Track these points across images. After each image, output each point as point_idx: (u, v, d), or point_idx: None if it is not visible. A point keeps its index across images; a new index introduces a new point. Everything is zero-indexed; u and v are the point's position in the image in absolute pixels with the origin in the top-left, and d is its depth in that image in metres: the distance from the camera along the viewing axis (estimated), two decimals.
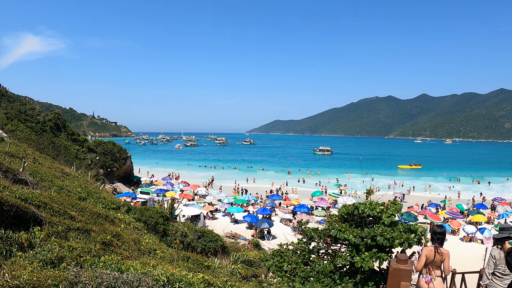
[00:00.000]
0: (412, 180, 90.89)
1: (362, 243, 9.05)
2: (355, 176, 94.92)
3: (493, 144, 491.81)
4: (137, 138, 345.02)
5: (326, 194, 66.35)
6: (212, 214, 47.84)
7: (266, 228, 39.40)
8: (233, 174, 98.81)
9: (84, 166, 53.07)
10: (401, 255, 5.77)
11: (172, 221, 21.93)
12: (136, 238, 12.63)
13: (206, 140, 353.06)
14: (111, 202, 18.21)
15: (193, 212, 42.36)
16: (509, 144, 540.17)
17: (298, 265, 9.94)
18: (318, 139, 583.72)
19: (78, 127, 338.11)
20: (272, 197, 57.93)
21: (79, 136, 62.06)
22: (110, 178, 59.91)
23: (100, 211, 13.27)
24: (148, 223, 17.54)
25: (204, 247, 19.56)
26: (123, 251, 9.01)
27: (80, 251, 6.97)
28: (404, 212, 44.84)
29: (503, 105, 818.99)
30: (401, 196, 63.56)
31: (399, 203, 10.69)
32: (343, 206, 10.66)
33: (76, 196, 16.30)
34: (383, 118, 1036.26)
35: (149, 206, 34.21)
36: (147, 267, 6.52)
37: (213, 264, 14.16)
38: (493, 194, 71.06)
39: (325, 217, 44.92)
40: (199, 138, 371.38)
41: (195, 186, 65.25)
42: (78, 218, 10.19)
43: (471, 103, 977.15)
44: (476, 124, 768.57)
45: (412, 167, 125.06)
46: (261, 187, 75.38)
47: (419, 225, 9.69)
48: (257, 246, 28.45)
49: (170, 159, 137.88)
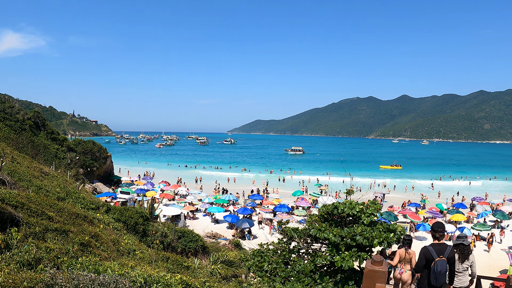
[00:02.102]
0: (393, 180, 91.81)
1: (342, 242, 9.10)
2: (336, 176, 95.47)
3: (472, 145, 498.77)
4: (118, 137, 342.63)
5: (306, 194, 66.60)
6: (193, 214, 47.70)
7: (247, 228, 39.43)
8: (214, 173, 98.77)
9: (63, 166, 52.49)
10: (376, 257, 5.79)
11: (152, 221, 21.77)
12: (115, 238, 12.50)
13: (187, 140, 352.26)
14: (90, 202, 18.00)
15: (174, 212, 42.14)
16: (488, 144, 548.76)
17: (279, 264, 9.95)
18: (299, 139, 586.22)
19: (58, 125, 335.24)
20: (252, 197, 57.97)
21: (58, 135, 61.26)
22: (90, 178, 59.35)
23: (79, 211, 13.11)
24: (127, 223, 17.37)
25: (185, 247, 19.46)
26: (102, 252, 8.91)
27: (58, 252, 6.87)
28: (384, 211, 45.18)
29: (482, 107, 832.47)
30: (381, 196, 64.09)
31: (379, 202, 10.79)
32: (323, 206, 10.72)
33: (54, 196, 16.08)
34: (364, 118, 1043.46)
35: (129, 206, 33.98)
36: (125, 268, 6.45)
37: (193, 264, 14.08)
38: (473, 194, 71.99)
39: (305, 216, 45.06)
40: (180, 138, 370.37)
41: (176, 186, 65.00)
42: (56, 218, 10.04)
43: (451, 104, 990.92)
44: (456, 125, 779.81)
45: (393, 168, 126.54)
46: (242, 186, 75.42)
47: (398, 225, 9.80)
48: (237, 246, 28.40)
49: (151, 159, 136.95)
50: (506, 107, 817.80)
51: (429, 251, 8.63)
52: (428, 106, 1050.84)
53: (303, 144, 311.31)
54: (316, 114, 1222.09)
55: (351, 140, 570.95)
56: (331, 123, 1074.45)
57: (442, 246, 8.69)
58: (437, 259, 8.51)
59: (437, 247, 8.68)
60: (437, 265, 8.50)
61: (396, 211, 50.37)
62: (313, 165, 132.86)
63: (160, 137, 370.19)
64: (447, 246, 8.75)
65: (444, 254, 8.58)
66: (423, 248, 8.81)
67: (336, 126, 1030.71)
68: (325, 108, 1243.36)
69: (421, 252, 8.78)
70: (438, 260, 8.50)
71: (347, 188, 11.51)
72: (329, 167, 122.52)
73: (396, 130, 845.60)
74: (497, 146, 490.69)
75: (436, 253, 8.57)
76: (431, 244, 8.88)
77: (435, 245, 8.75)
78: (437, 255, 8.53)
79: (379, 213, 10.10)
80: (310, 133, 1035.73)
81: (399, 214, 48.61)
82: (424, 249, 8.74)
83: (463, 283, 9.22)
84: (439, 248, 8.65)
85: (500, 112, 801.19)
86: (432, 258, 8.55)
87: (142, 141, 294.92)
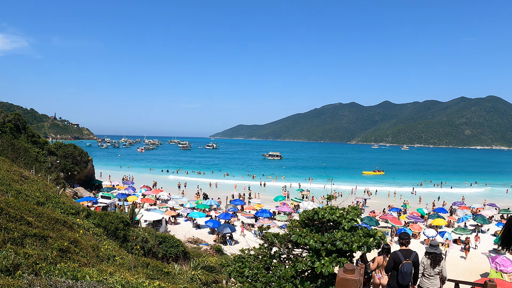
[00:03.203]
0: (375, 185, 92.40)
1: (323, 248, 9.14)
2: (318, 181, 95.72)
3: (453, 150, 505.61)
4: (99, 141, 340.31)
5: (288, 199, 66.71)
6: (174, 219, 47.46)
7: (228, 233, 39.34)
8: (196, 178, 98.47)
9: (44, 169, 51.81)
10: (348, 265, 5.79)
11: (133, 226, 21.63)
12: (95, 244, 12.40)
13: (169, 144, 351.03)
14: (70, 207, 17.82)
15: (155, 217, 41.82)
16: (468, 150, 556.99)
17: (260, 270, 9.94)
18: (281, 144, 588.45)
19: (39, 128, 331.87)
20: (234, 202, 57.90)
21: (39, 138, 60.33)
22: (70, 182, 58.66)
23: (59, 216, 12.98)
24: (108, 228, 17.22)
25: (165, 253, 19.36)
26: (81, 258, 8.83)
27: (36, 258, 6.80)
28: (366, 216, 45.49)
29: (463, 113, 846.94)
30: (363, 201, 64.38)
31: (360, 208, 10.94)
32: (304, 211, 10.76)
33: (34, 200, 15.90)
34: (346, 124, 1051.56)
35: (109, 211, 33.67)
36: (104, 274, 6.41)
37: (173, 270, 14.02)
38: (453, 198, 72.81)
39: (287, 222, 45.11)
40: (162, 142, 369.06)
41: (157, 190, 64.64)
42: (35, 224, 9.94)
43: (432, 111, 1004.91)
44: (437, 131, 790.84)
45: (375, 173, 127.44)
46: (223, 191, 75.33)
47: (378, 230, 9.95)
48: (219, 251, 28.34)
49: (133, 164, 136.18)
50: (486, 113, 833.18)
51: (397, 255, 10.27)
52: (409, 112, 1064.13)
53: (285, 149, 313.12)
54: (298, 119, 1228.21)
55: (333, 146, 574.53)
56: (313, 128, 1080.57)
57: (408, 251, 10.40)
58: (404, 262, 10.15)
59: (404, 252, 10.36)
60: (404, 267, 10.12)
61: (377, 216, 50.69)
62: (295, 170, 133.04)
63: (142, 141, 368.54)
64: (412, 252, 10.39)
65: (410, 258, 10.23)
66: (392, 253, 10.50)
67: (318, 132, 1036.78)
68: (308, 114, 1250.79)
69: (390, 256, 10.52)
70: (405, 262, 10.14)
71: (328, 194, 11.59)
72: (311, 172, 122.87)
73: (378, 136, 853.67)
74: (478, 151, 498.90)
75: (403, 257, 10.22)
76: (399, 249, 10.52)
77: (402, 250, 10.45)
78: (404, 259, 10.19)
79: (359, 218, 10.19)
80: (292, 138, 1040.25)
81: (381, 219, 48.95)
82: (393, 254, 10.42)
83: (434, 286, 10.69)
84: (405, 253, 10.33)
85: (480, 118, 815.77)
86: (400, 261, 10.18)
87: (124, 145, 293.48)
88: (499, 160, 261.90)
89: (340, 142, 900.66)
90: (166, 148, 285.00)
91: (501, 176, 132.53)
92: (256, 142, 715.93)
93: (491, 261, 29.04)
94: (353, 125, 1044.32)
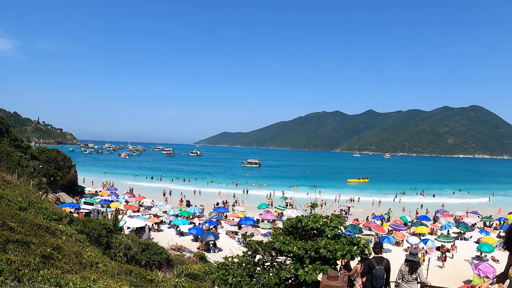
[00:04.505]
0: (358, 193, 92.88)
1: (306, 255, 9.20)
2: (302, 189, 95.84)
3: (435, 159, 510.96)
4: (82, 146, 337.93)
5: (272, 207, 66.78)
6: (158, 226, 47.17)
7: (212, 241, 39.23)
8: (180, 185, 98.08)
9: (26, 174, 51.13)
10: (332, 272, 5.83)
11: (116, 233, 21.48)
12: (78, 250, 12.31)
13: (153, 151, 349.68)
14: (53, 212, 17.65)
15: (138, 224, 41.57)
16: (451, 158, 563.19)
17: (243, 278, 9.95)
18: (265, 152, 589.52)
19: (22, 132, 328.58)
20: (218, 209, 57.77)
21: (22, 142, 59.51)
22: (53, 187, 57.97)
23: (41, 222, 12.86)
24: (90, 235, 17.08)
25: (149, 260, 19.26)
26: (64, 265, 8.77)
27: (19, 264, 6.75)
28: (349, 224, 45.70)
29: (446, 122, 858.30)
30: (346, 209, 64.60)
31: (343, 216, 11.17)
32: (287, 219, 10.84)
33: (17, 206, 15.73)
34: (330, 132, 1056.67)
35: (92, 217, 33.37)
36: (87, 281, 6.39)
37: (156, 277, 13.97)
38: (436, 206, 73.54)
39: (270, 229, 45.10)
40: (146, 148, 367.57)
41: (141, 197, 64.28)
42: (18, 229, 9.86)
43: (416, 120, 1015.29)
44: (420, 140, 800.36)
45: (360, 181, 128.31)
46: (207, 198, 75.19)
47: (361, 237, 9.97)
48: (202, 259, 28.24)
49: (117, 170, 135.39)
50: (469, 122, 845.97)
51: (371, 262, 11.95)
52: (393, 121, 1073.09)
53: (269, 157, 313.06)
54: (282, 127, 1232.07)
55: (317, 154, 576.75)
56: (297, 136, 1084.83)
57: (381, 258, 12.12)
58: (377, 267, 11.79)
59: (377, 259, 12.04)
60: (376, 271, 11.74)
61: (361, 224, 50.96)
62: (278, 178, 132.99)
63: (126, 147, 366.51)
64: (384, 259, 12.12)
65: (382, 264, 11.88)
66: (367, 260, 12.19)
67: (302, 140, 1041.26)
68: (292, 122, 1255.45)
69: (365, 262, 12.27)
70: (378, 268, 11.77)
71: (311, 201, 11.71)
72: (294, 180, 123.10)
73: (361, 144, 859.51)
74: (461, 160, 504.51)
75: (376, 263, 11.86)
76: (373, 257, 12.09)
77: (376, 257, 12.10)
78: (377, 264, 11.83)
79: (343, 226, 10.27)
80: (277, 146, 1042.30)
81: (364, 227, 49.20)
82: (368, 261, 12.09)
83: None
84: (378, 260, 11.98)
85: (463, 127, 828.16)
86: (373, 266, 11.84)
87: (108, 151, 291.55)
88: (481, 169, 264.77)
89: (324, 150, 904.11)
90: (150, 154, 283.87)
91: (484, 184, 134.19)
92: (240, 149, 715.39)
93: (474, 268, 29.40)
94: (337, 134, 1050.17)
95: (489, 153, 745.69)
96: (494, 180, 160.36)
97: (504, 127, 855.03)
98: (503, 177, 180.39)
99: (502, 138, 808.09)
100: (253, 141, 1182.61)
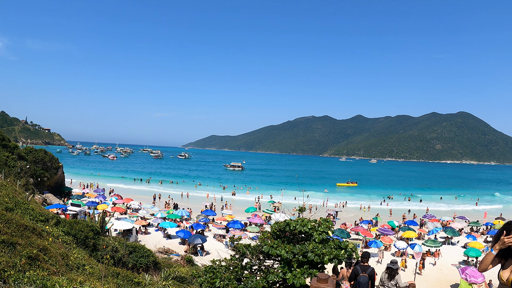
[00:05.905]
0: (346, 197, 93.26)
1: (294, 259, 9.22)
2: (290, 193, 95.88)
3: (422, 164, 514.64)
4: (70, 147, 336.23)
5: (260, 211, 66.76)
6: (145, 229, 46.98)
7: (200, 244, 39.16)
8: (168, 188, 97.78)
9: (13, 174, 50.65)
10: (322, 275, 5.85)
11: (103, 235, 21.36)
12: (65, 252, 12.21)
13: (142, 153, 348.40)
14: (40, 214, 17.51)
15: (125, 226, 41.36)
16: (439, 164, 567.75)
17: (231, 281, 9.94)
18: (254, 155, 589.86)
19: (9, 132, 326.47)
20: (205, 213, 57.65)
21: (9, 142, 58.97)
22: (40, 188, 57.52)
23: (28, 223, 12.74)
24: (77, 237, 16.95)
25: (136, 263, 19.15)
26: (50, 266, 8.70)
27: (5, 265, 6.69)
28: (337, 228, 45.81)
29: (434, 128, 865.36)
30: (334, 213, 64.74)
31: (331, 220, 11.22)
32: (275, 223, 10.85)
33: (3, 206, 15.59)
34: (318, 137, 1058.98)
35: (79, 219, 33.17)
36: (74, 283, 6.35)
37: (143, 280, 13.89)
38: (424, 211, 74.02)
39: (258, 233, 45.12)
40: (134, 150, 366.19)
41: (128, 199, 63.96)
42: (4, 230, 9.77)
43: (404, 125, 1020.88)
44: (408, 145, 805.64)
45: (349, 185, 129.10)
46: (195, 202, 75.07)
47: (349, 242, 10.05)
48: (190, 262, 28.17)
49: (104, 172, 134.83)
50: (457, 128, 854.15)
51: (357, 269, 13.09)
52: (381, 126, 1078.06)
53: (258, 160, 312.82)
54: (271, 131, 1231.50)
55: (305, 158, 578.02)
56: (286, 140, 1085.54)
57: (366, 266, 13.15)
58: (361, 274, 12.85)
59: (362, 267, 13.10)
60: (360, 278, 12.82)
61: (348, 228, 51.16)
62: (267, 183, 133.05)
63: (114, 149, 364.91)
64: (369, 267, 13.16)
65: (366, 271, 12.92)
66: (353, 267, 13.52)
67: (291, 144, 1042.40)
68: (281, 126, 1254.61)
69: (352, 269, 13.55)
70: (362, 275, 12.84)
71: (299, 205, 11.76)
72: (283, 184, 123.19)
73: (350, 149, 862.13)
74: (448, 165, 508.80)
75: (361, 270, 12.96)
76: (359, 264, 13.26)
77: (361, 265, 13.19)
78: (362, 272, 12.90)
79: (331, 230, 10.29)
80: (265, 150, 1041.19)
81: (352, 231, 49.39)
82: (354, 268, 13.35)
83: None
84: (363, 268, 13.04)
85: (451, 133, 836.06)
86: (358, 273, 12.93)
87: (96, 152, 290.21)
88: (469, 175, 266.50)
89: (312, 154, 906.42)
90: (138, 156, 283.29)
91: (471, 190, 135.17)
92: (228, 153, 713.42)
93: (461, 272, 29.62)
94: (325, 138, 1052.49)
95: (476, 159, 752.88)
96: (481, 186, 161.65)
97: (492, 133, 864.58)
98: (489, 183, 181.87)
99: (489, 144, 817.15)
100: (242, 144, 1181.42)
